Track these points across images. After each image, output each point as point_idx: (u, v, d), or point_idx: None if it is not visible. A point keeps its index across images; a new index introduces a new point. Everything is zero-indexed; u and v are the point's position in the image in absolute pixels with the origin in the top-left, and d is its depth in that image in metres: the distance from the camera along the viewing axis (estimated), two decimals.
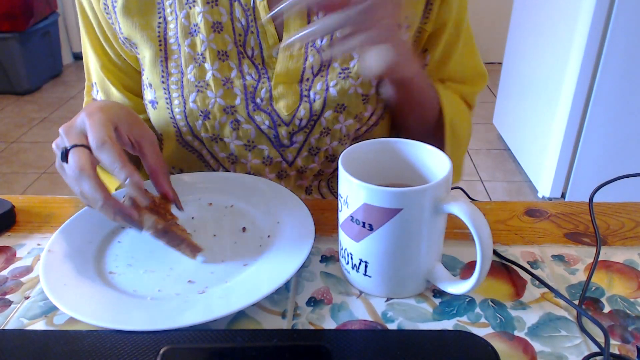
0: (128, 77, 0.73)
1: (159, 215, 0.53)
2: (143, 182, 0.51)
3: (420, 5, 0.67)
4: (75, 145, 0.51)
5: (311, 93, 0.66)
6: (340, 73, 0.66)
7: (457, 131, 0.71)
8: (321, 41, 0.65)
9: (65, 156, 0.51)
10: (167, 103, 0.68)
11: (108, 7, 0.66)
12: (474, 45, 0.75)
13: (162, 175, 0.56)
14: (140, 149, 0.57)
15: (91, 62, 0.74)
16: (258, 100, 0.67)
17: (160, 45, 0.66)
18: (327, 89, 0.66)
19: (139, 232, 0.52)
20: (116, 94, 0.73)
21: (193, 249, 0.53)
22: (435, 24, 0.69)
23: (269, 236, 0.56)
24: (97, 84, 0.74)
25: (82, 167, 0.49)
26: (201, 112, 0.66)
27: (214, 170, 0.72)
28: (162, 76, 0.67)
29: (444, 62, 0.72)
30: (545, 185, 2.12)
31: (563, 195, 2.10)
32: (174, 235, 0.52)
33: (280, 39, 0.66)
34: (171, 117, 0.68)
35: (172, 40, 0.66)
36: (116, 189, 0.78)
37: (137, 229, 0.51)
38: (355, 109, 0.68)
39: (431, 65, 0.72)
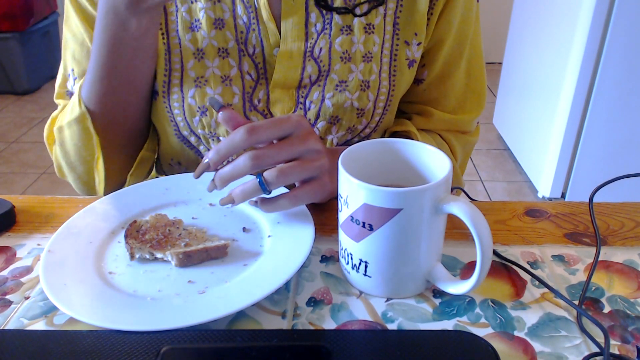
0: None
1: (164, 241, 0.54)
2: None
3: (425, 20, 0.66)
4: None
5: (307, 101, 0.66)
6: (338, 85, 0.66)
7: None
8: (320, 51, 0.65)
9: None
10: (165, 96, 0.68)
11: None
12: (481, 68, 0.74)
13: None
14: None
15: (71, 46, 0.70)
16: (255, 101, 0.66)
17: (163, 37, 0.66)
18: (322, 100, 0.66)
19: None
20: None
21: (221, 250, 0.53)
22: (432, 40, 0.68)
23: (269, 236, 0.56)
24: (76, 65, 0.70)
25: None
26: (199, 108, 0.66)
27: None
28: (165, 69, 0.67)
29: (442, 80, 0.72)
30: (545, 185, 2.12)
31: (563, 196, 2.10)
32: (196, 253, 0.53)
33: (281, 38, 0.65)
34: (169, 111, 0.68)
35: (173, 34, 0.66)
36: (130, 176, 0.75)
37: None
38: (349, 122, 0.68)
39: (429, 81, 0.72)
